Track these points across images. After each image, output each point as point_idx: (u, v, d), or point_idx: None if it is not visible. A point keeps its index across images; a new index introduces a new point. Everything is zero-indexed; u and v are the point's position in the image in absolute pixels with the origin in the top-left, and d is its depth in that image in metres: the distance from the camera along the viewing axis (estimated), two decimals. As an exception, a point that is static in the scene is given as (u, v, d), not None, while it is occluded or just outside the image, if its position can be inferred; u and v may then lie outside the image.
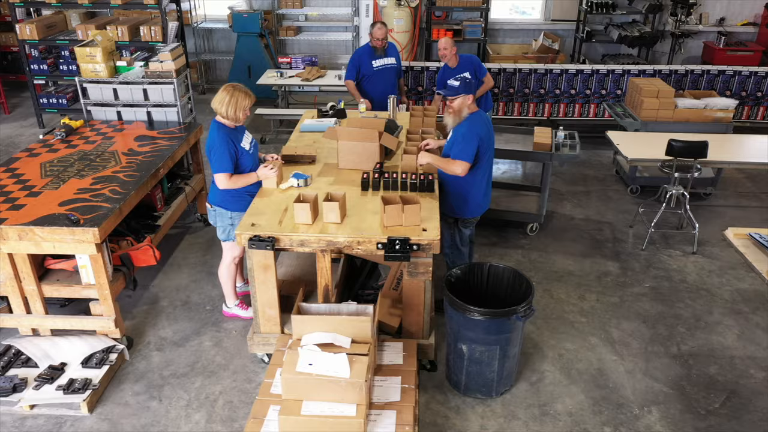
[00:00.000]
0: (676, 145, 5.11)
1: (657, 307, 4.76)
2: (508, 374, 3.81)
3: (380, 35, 6.03)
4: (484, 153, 4.06)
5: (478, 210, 4.31)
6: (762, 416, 3.75)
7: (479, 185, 4.18)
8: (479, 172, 4.12)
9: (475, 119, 4.07)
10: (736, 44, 9.32)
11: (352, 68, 6.21)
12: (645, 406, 3.80)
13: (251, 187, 4.03)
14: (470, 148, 3.97)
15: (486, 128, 4.08)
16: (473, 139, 3.98)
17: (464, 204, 4.23)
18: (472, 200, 4.22)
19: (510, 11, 10.06)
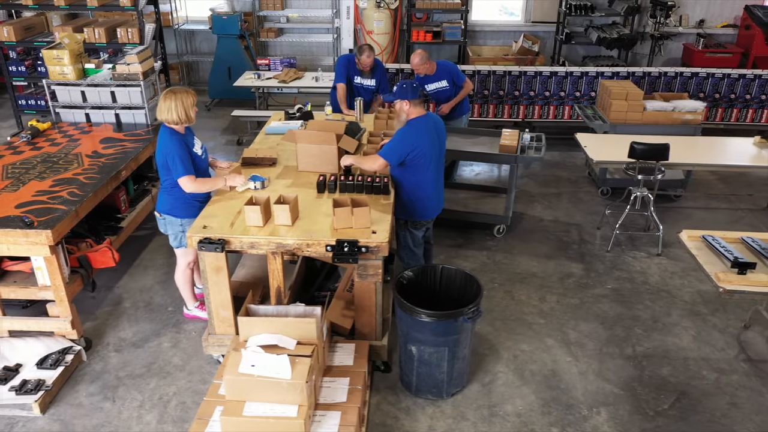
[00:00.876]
0: (638, 148, 5.15)
1: (616, 308, 4.79)
2: (459, 375, 3.84)
3: (367, 63, 5.86)
4: (421, 157, 4.04)
5: (427, 213, 4.31)
6: (710, 417, 3.78)
7: (425, 189, 4.19)
8: (423, 175, 4.13)
9: (416, 125, 4.05)
10: (715, 46, 9.35)
11: (342, 72, 6.01)
12: (594, 407, 3.84)
13: (201, 194, 4.04)
14: (398, 150, 4.03)
15: (425, 135, 4.05)
16: (403, 144, 4.02)
17: (413, 206, 4.25)
18: (420, 203, 4.23)
19: (499, 12, 10.08)
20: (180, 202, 4.02)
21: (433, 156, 4.16)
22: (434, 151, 4.15)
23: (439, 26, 9.31)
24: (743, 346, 4.40)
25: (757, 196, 6.60)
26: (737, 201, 6.55)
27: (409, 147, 4.02)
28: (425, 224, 4.40)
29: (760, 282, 3.74)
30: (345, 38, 9.73)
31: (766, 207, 6.41)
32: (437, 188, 4.33)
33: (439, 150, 4.20)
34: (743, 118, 7.56)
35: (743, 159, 5.70)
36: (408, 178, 4.15)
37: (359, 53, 5.83)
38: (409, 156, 4.04)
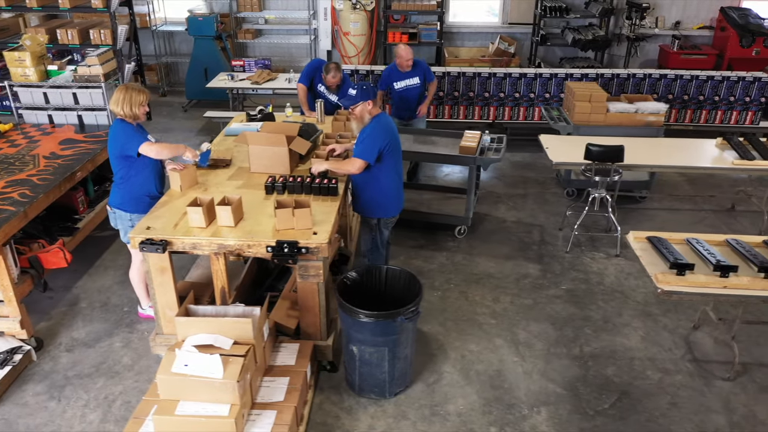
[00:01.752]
0: (594, 150, 5.19)
1: (569, 309, 4.83)
2: (401, 375, 3.88)
3: (333, 83, 5.85)
4: (389, 153, 4.16)
5: (396, 209, 4.44)
6: (649, 417, 3.82)
7: (391, 184, 4.29)
8: (388, 171, 4.22)
9: (380, 121, 4.17)
10: (690, 48, 9.39)
11: (308, 74, 6.04)
12: (535, 406, 3.87)
13: (152, 189, 4.09)
14: (372, 148, 4.09)
15: (390, 130, 4.19)
16: (377, 140, 4.10)
17: (383, 204, 4.35)
18: (388, 200, 4.35)
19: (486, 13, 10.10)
20: (130, 197, 4.08)
21: (397, 152, 4.28)
22: (398, 147, 4.28)
23: (416, 28, 9.34)
24: (691, 346, 4.44)
25: (722, 197, 6.64)
26: (702, 202, 6.59)
27: (382, 141, 4.11)
28: (393, 221, 4.50)
29: (697, 283, 3.78)
30: (323, 40, 9.77)
31: (730, 208, 6.45)
32: (401, 185, 4.45)
33: (400, 146, 4.32)
34: (712, 119, 7.59)
35: (704, 161, 5.72)
36: (378, 175, 4.21)
37: (326, 71, 5.79)
38: (383, 150, 4.12)
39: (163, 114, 9.10)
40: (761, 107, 7.51)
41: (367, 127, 4.16)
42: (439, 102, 7.61)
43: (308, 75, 5.93)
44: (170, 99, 9.78)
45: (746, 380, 4.12)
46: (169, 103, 9.59)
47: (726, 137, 5.95)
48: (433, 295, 4.95)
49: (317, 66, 5.92)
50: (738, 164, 5.59)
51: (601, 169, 5.34)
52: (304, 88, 5.91)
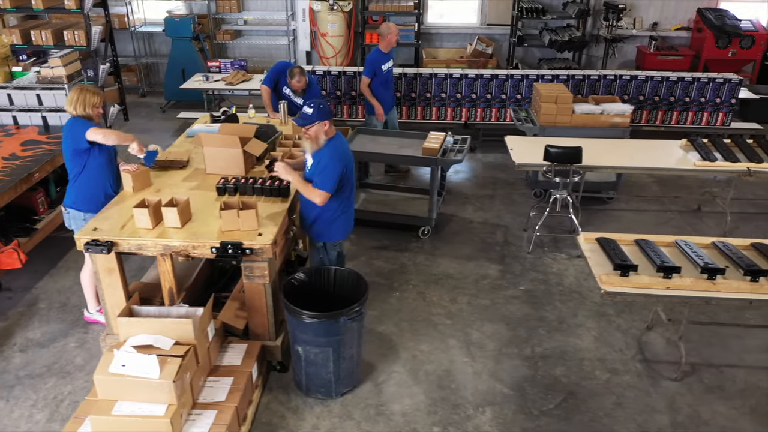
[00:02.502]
0: (552, 151, 5.22)
1: (525, 309, 4.85)
2: (348, 375, 3.90)
3: (298, 88, 5.85)
4: (347, 179, 3.99)
5: (345, 233, 4.25)
6: (593, 417, 3.84)
7: (345, 210, 4.11)
8: (344, 198, 4.04)
9: (336, 147, 3.93)
10: (668, 49, 9.42)
11: (272, 77, 6.07)
12: (480, 406, 3.90)
13: (107, 188, 4.13)
14: (333, 178, 3.87)
15: (346, 155, 3.98)
16: (336, 170, 3.87)
17: (329, 230, 4.15)
18: (338, 225, 4.15)
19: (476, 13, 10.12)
20: (83, 196, 4.11)
21: (353, 174, 4.09)
22: (353, 169, 4.08)
23: (393, 29, 9.35)
24: (642, 347, 4.47)
25: (689, 198, 6.67)
26: (669, 203, 6.62)
27: (341, 168, 3.89)
28: (337, 244, 4.29)
29: (640, 284, 3.81)
30: (302, 41, 9.79)
31: (696, 209, 6.48)
32: (351, 208, 4.22)
33: (353, 169, 4.11)
34: (683, 120, 7.62)
35: (668, 162, 5.74)
36: (334, 200, 3.97)
37: (290, 76, 5.80)
38: (342, 177, 3.92)
39: (142, 115, 9.12)
40: (732, 108, 7.53)
41: (325, 154, 3.89)
42: (412, 103, 7.64)
43: (273, 77, 5.95)
44: (150, 100, 9.80)
45: (694, 380, 4.15)
46: (148, 104, 9.62)
47: (690, 138, 5.98)
48: (391, 296, 4.98)
49: (282, 69, 5.94)
50: (700, 165, 5.62)
51: (561, 171, 5.37)
52: (268, 90, 5.93)
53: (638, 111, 7.59)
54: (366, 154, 5.66)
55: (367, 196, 6.27)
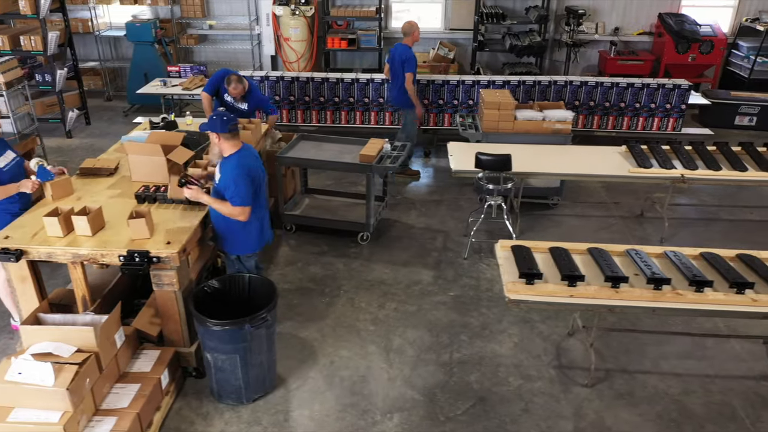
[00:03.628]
0: (483, 159, 5.28)
1: (451, 315, 4.91)
2: (258, 381, 3.96)
3: (236, 94, 5.86)
4: (256, 190, 4.02)
5: (255, 246, 4.24)
6: (499, 423, 3.90)
7: (255, 222, 4.12)
8: (259, 206, 4.09)
9: (241, 158, 3.94)
10: (629, 53, 9.48)
11: (213, 84, 6.06)
12: (389, 412, 3.95)
13: (13, 207, 4.16)
14: (246, 190, 3.89)
15: (255, 163, 4.03)
16: (245, 181, 3.88)
17: (240, 241, 4.16)
18: (251, 237, 4.17)
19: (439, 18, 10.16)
20: None
21: (260, 186, 4.11)
22: (260, 181, 4.10)
23: (355, 34, 9.42)
24: (560, 353, 4.52)
25: (634, 203, 6.72)
26: (614, 209, 6.67)
27: (250, 179, 3.91)
28: (252, 255, 4.30)
29: (544, 292, 3.86)
30: (266, 45, 9.86)
31: (639, 215, 6.53)
32: (263, 219, 4.25)
33: (262, 180, 4.15)
34: (634, 126, 7.67)
35: (606, 168, 5.80)
36: None
37: (227, 84, 5.81)
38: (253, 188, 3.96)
39: (104, 119, 9.17)
40: (682, 114, 7.58)
41: (231, 168, 3.91)
42: (366, 108, 7.69)
43: (213, 84, 6.00)
44: (115, 104, 9.86)
45: (605, 387, 4.20)
46: (113, 107, 9.67)
47: (629, 145, 6.04)
48: (320, 302, 5.04)
49: (223, 76, 5.98)
50: (634, 172, 5.68)
51: (493, 177, 5.43)
52: (208, 97, 5.97)
53: (589, 117, 7.65)
54: (303, 160, 5.71)
55: (310, 201, 6.33)
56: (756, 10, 9.51)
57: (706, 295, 3.83)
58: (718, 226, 6.45)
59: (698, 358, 4.47)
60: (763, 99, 8.81)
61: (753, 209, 6.74)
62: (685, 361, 4.45)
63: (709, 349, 4.57)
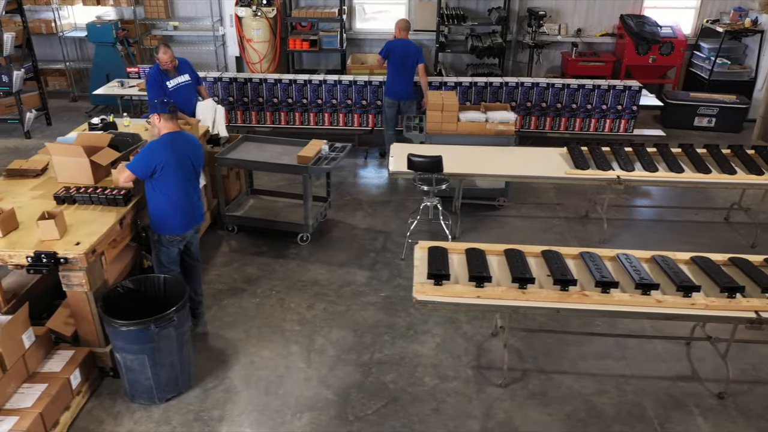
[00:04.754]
0: (415, 161, 5.31)
1: (378, 316, 4.94)
2: (170, 381, 3.99)
3: (165, 59, 6.04)
4: (166, 173, 4.12)
5: (176, 229, 4.32)
6: (407, 422, 3.93)
7: (172, 204, 4.23)
8: (164, 190, 4.18)
9: (165, 140, 4.16)
10: (591, 55, 9.51)
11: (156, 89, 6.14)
12: (300, 412, 3.99)
13: None
14: (142, 163, 4.12)
15: (173, 150, 4.15)
16: (152, 157, 4.12)
17: (161, 221, 4.28)
18: (167, 218, 4.27)
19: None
20: None
21: (182, 172, 4.22)
22: (183, 167, 4.22)
23: (317, 35, 9.45)
24: (481, 353, 4.55)
25: (580, 204, 6.75)
26: (560, 210, 6.70)
27: (156, 160, 4.10)
28: (175, 240, 4.38)
29: (451, 293, 3.90)
30: (230, 46, 9.89)
31: (584, 215, 6.57)
32: (188, 205, 4.35)
33: (191, 167, 4.28)
34: (586, 127, 7.70)
35: (541, 170, 5.82)
36: (156, 192, 4.22)
37: (156, 52, 6.13)
38: (157, 170, 4.12)
39: (65, 119, 9.20)
40: (633, 115, 7.62)
41: (150, 143, 4.25)
42: (319, 110, 7.72)
43: (156, 84, 6.07)
44: (80, 104, 9.88)
45: (519, 387, 4.23)
46: (77, 108, 9.69)
47: (570, 146, 6.07)
48: (250, 303, 5.07)
49: (154, 74, 6.10)
50: (570, 173, 5.71)
51: (426, 179, 5.46)
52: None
53: (542, 118, 7.68)
54: (241, 161, 5.74)
55: (255, 202, 6.36)
56: (717, 12, 9.54)
57: (612, 296, 3.86)
58: (661, 227, 6.49)
59: (617, 359, 4.51)
60: (721, 100, 8.85)
61: (698, 210, 6.78)
62: (603, 361, 4.48)
63: (630, 350, 4.60)
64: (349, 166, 7.63)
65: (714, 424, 3.95)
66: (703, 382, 4.30)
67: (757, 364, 4.47)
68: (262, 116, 7.82)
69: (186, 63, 6.40)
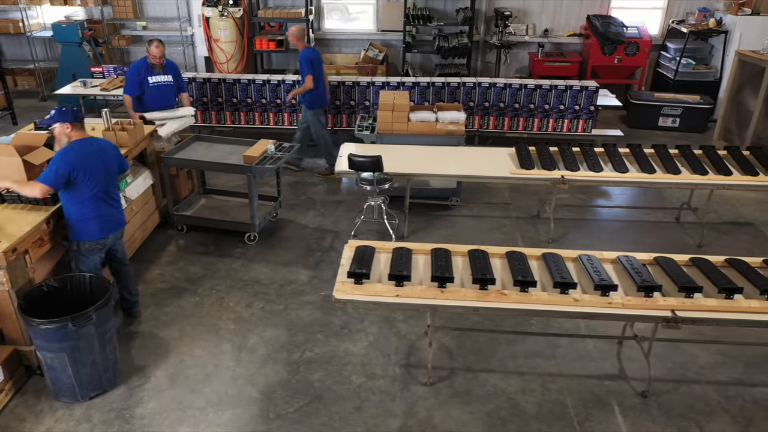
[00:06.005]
0: (354, 160, 5.33)
1: (315, 315, 4.96)
2: (93, 380, 4.01)
3: (157, 53, 6.25)
4: (80, 180, 4.10)
5: (90, 234, 4.27)
6: (327, 420, 3.95)
7: (87, 210, 4.20)
8: (85, 197, 4.16)
9: (75, 147, 4.12)
10: (558, 55, 9.54)
11: (133, 83, 6.37)
12: (221, 410, 4.01)
13: None
14: (55, 174, 4.03)
15: (85, 157, 4.12)
16: (63, 165, 4.03)
17: (77, 228, 4.24)
18: (83, 224, 4.23)
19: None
20: None
21: (96, 178, 4.18)
22: (96, 173, 4.18)
23: (283, 35, 9.48)
24: (412, 352, 4.57)
25: (532, 204, 6.77)
26: (513, 209, 6.73)
27: (69, 168, 4.04)
28: (95, 247, 4.34)
29: (371, 291, 3.92)
30: (199, 46, 9.92)
31: (535, 215, 6.59)
32: (105, 211, 4.31)
33: (104, 172, 4.24)
34: (545, 127, 7.73)
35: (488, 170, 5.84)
36: (70, 200, 4.18)
37: (149, 45, 6.26)
38: (72, 177, 4.07)
39: (32, 119, 9.18)
40: (591, 115, 7.64)
41: (60, 151, 4.12)
42: (279, 110, 7.75)
43: (134, 79, 6.22)
44: (49, 104, 9.90)
45: (444, 386, 4.25)
46: (46, 108, 9.70)
47: (517, 146, 6.09)
48: (189, 302, 5.09)
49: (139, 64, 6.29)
50: (515, 173, 5.73)
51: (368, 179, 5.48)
52: (130, 99, 6.35)
53: (500, 118, 7.70)
54: (186, 161, 5.76)
55: (206, 201, 6.38)
56: (684, 12, 9.57)
57: (530, 295, 3.89)
58: (613, 227, 6.52)
59: (547, 358, 4.53)
60: (685, 100, 8.88)
61: (651, 211, 6.81)
62: (533, 360, 4.51)
63: (562, 349, 4.62)
64: (308, 166, 7.66)
65: (633, 423, 3.97)
66: (629, 380, 4.33)
67: (685, 364, 4.49)
68: (222, 116, 7.84)
69: (173, 67, 6.53)
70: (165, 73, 6.46)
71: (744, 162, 5.88)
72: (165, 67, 6.47)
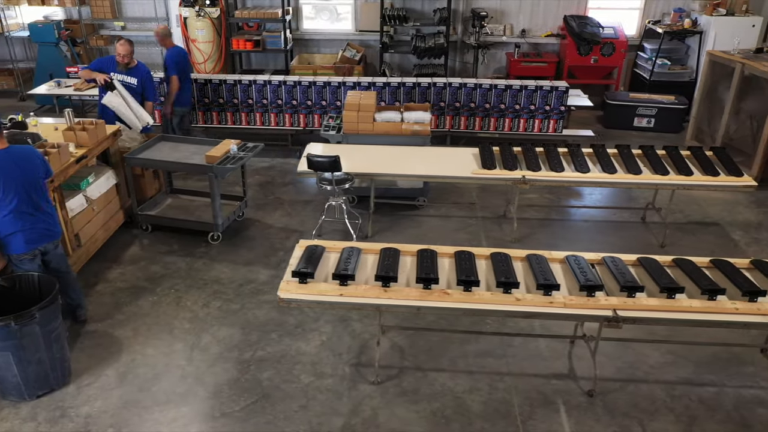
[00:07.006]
0: (312, 160, 5.36)
1: (271, 314, 4.98)
2: (40, 378, 4.03)
3: (121, 51, 6.26)
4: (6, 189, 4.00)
5: (17, 246, 4.18)
6: (272, 419, 3.97)
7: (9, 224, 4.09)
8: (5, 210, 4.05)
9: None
10: (535, 55, 9.56)
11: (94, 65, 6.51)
12: (167, 409, 4.03)
13: None
14: None
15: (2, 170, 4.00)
16: None
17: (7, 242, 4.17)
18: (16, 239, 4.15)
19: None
20: None
21: (14, 191, 4.06)
22: (16, 184, 4.06)
23: (260, 35, 9.50)
24: (363, 351, 4.59)
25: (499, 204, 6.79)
26: (479, 209, 6.74)
27: None
28: (24, 258, 4.24)
29: (315, 291, 3.95)
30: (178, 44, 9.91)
31: (502, 215, 6.61)
32: (30, 221, 4.19)
33: (22, 181, 4.09)
34: (516, 128, 7.74)
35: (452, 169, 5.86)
36: None
37: (116, 42, 6.37)
38: None
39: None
40: (561, 115, 7.66)
41: None
42: (250, 110, 7.77)
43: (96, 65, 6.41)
44: (28, 104, 9.91)
45: (392, 385, 4.27)
46: (24, 107, 9.69)
47: (481, 146, 6.11)
48: (147, 301, 5.11)
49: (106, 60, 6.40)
50: (477, 173, 5.75)
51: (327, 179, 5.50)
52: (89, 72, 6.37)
53: (471, 118, 7.72)
54: (148, 161, 5.78)
55: (172, 201, 6.40)
56: (660, 12, 9.59)
57: (472, 294, 3.91)
58: (579, 227, 6.54)
59: (498, 357, 4.55)
60: (660, 101, 8.90)
61: (617, 210, 6.83)
62: (483, 359, 4.52)
63: (514, 348, 4.64)
64: (280, 166, 7.68)
65: (577, 422, 3.99)
66: (577, 380, 4.35)
67: (635, 363, 4.51)
68: (195, 116, 7.87)
69: (142, 72, 6.49)
70: (129, 74, 6.38)
71: (706, 162, 5.90)
72: (133, 69, 6.41)
